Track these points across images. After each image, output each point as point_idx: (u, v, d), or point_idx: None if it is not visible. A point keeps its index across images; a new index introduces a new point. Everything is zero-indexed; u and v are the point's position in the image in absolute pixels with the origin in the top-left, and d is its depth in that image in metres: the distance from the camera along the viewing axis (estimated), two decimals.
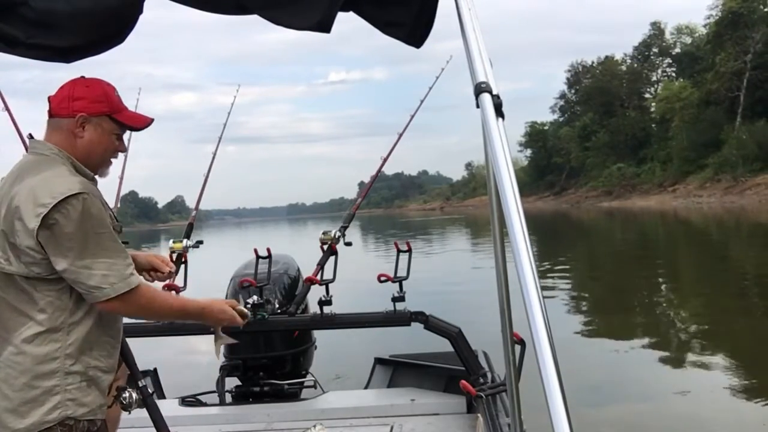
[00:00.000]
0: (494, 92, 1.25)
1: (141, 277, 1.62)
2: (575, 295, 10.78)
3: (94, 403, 1.58)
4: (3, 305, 1.55)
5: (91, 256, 1.51)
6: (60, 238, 1.50)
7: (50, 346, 1.53)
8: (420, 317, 2.89)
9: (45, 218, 1.49)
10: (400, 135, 3.52)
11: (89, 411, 1.56)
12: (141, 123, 1.76)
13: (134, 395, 1.76)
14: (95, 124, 1.67)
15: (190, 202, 3.54)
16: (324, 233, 3.16)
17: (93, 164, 1.69)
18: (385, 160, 3.47)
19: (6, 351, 1.54)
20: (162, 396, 3.24)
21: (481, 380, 2.82)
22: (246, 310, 1.93)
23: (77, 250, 1.50)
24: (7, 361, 1.53)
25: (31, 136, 1.71)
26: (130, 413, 1.77)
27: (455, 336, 2.89)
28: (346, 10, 1.83)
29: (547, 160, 71.02)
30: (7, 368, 1.53)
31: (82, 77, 1.71)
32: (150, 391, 1.87)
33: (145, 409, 2.68)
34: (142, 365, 3.21)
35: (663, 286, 11.52)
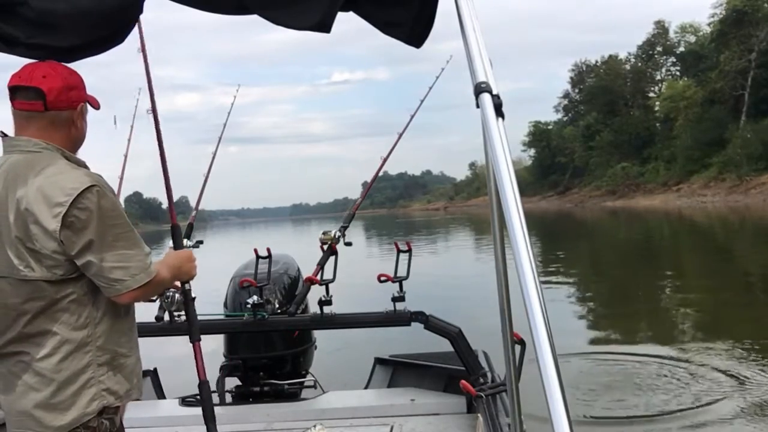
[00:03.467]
0: (494, 92, 1.24)
1: (156, 261, 1.63)
2: (579, 294, 10.79)
3: (122, 389, 1.61)
4: (28, 311, 1.53)
5: (109, 249, 1.51)
6: (79, 234, 1.49)
7: (80, 342, 1.55)
8: (420, 317, 2.89)
9: (65, 217, 1.48)
10: (400, 135, 3.52)
11: (118, 398, 1.60)
12: (98, 103, 1.75)
13: (177, 296, 1.83)
14: (84, 111, 1.68)
15: (194, 203, 3.55)
16: (324, 233, 3.16)
17: (76, 151, 1.69)
18: (384, 161, 3.48)
19: (39, 355, 1.53)
20: (162, 396, 3.25)
21: (481, 380, 2.82)
22: None
23: (97, 245, 1.50)
24: (40, 365, 1.54)
25: (4, 134, 1.65)
26: (171, 317, 1.79)
27: (455, 336, 2.89)
28: (346, 10, 1.83)
29: (551, 159, 70.88)
30: (41, 371, 1.53)
31: (43, 61, 1.64)
32: (193, 296, 1.90)
33: (146, 410, 2.69)
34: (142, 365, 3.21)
35: (668, 286, 11.49)
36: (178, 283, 1.90)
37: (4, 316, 1.55)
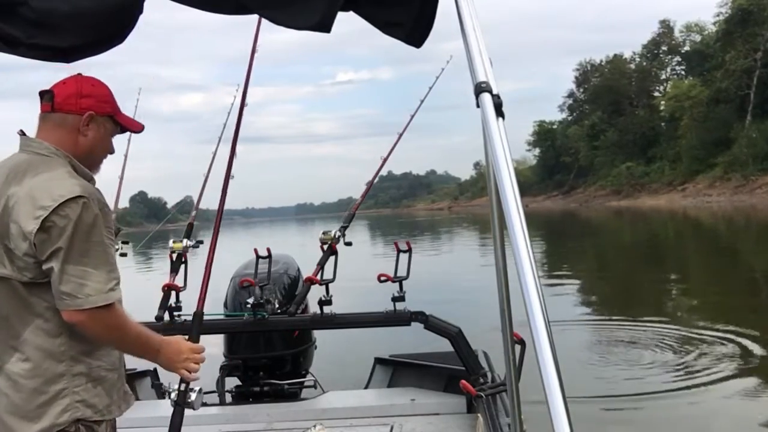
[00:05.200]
0: (494, 92, 1.24)
1: (120, 295, 1.54)
2: (585, 294, 10.78)
3: (101, 403, 1.58)
4: (3, 311, 1.53)
5: (74, 262, 1.47)
6: (53, 240, 1.47)
7: (54, 350, 1.52)
8: (420, 317, 2.90)
9: (44, 221, 1.46)
10: (400, 135, 3.53)
11: (97, 411, 1.56)
12: (138, 127, 1.77)
13: (173, 394, 1.83)
14: (100, 123, 1.67)
15: (202, 203, 3.55)
16: (324, 233, 3.17)
17: (90, 164, 1.68)
18: (384, 161, 3.49)
19: (12, 359, 1.52)
20: (162, 396, 3.25)
21: (481, 380, 2.82)
22: (197, 366, 1.77)
23: (64, 253, 1.47)
24: (12, 369, 1.52)
25: (23, 133, 1.67)
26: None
27: (455, 336, 2.89)
28: (345, 9, 1.83)
29: (556, 159, 70.73)
30: (13, 376, 1.52)
31: (80, 74, 1.69)
32: (190, 399, 1.85)
33: (146, 410, 2.69)
34: (142, 365, 3.23)
35: (674, 286, 11.46)
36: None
37: None
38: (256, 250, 3.15)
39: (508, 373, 1.56)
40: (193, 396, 1.84)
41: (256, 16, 1.86)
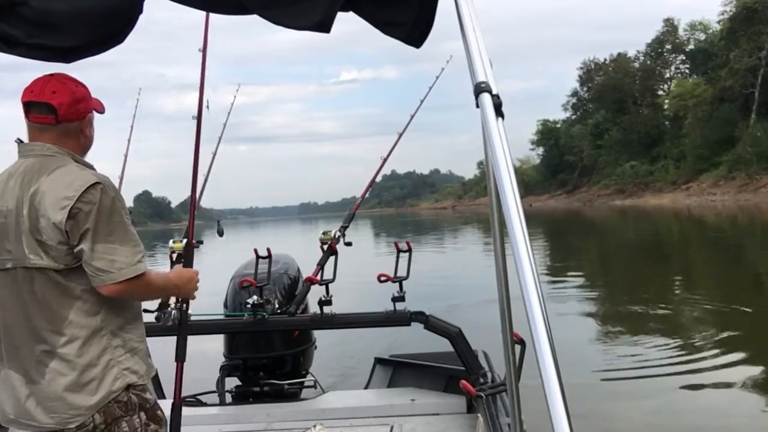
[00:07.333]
0: (494, 92, 1.24)
1: (147, 266, 1.71)
2: (588, 293, 10.75)
3: (141, 369, 1.75)
4: (44, 300, 1.66)
5: (101, 240, 1.63)
6: (81, 224, 1.62)
7: (96, 327, 1.67)
8: (420, 317, 2.90)
9: (71, 210, 1.61)
10: (400, 135, 3.54)
11: (140, 377, 1.75)
12: (103, 107, 1.88)
13: (174, 312, 2.08)
14: (91, 118, 1.81)
15: (204, 202, 3.55)
16: (324, 233, 3.18)
17: (86, 154, 1.81)
18: (384, 161, 3.49)
19: (61, 341, 1.65)
20: (162, 396, 3.25)
21: (481, 380, 2.82)
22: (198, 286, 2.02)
23: (91, 234, 1.62)
24: (64, 351, 1.65)
25: (20, 141, 1.77)
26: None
27: (455, 336, 2.89)
28: (346, 9, 1.83)
29: (560, 158, 70.51)
30: (66, 356, 1.65)
31: (52, 75, 1.76)
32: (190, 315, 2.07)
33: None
34: None
35: (677, 287, 11.43)
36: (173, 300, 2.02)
37: (24, 305, 1.67)
38: (256, 250, 3.15)
39: (508, 373, 1.56)
40: (190, 310, 2.12)
41: (256, 16, 1.86)
